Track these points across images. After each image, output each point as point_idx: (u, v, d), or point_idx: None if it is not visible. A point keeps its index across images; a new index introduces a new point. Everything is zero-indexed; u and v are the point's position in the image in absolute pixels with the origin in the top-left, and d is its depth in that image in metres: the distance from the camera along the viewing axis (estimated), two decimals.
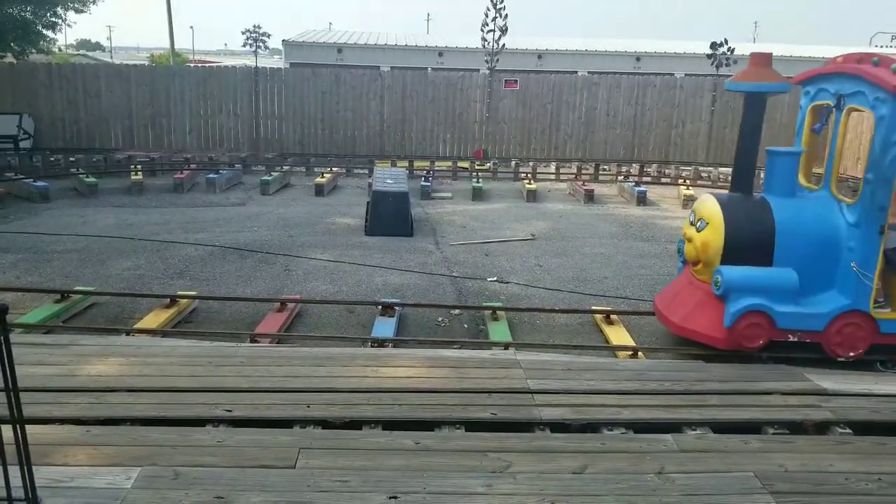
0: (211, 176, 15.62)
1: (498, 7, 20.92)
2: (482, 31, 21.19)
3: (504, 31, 21.11)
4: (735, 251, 6.05)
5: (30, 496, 3.07)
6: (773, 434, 4.66)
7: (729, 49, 19.57)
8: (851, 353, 6.05)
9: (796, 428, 4.77)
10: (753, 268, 5.99)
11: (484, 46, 21.06)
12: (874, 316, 5.95)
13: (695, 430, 4.66)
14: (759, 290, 5.91)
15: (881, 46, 45.28)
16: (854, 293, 5.88)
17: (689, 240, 6.37)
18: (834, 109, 6.18)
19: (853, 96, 5.94)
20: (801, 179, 6.69)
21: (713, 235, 6.13)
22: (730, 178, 6.91)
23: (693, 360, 6.14)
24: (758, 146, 6.36)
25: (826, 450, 4.40)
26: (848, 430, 4.71)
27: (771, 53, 6.31)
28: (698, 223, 6.30)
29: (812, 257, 5.96)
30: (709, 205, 6.29)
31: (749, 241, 6.04)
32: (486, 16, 21.07)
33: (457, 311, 7.69)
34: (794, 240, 5.99)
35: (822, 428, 4.79)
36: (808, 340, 6.07)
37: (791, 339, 6.04)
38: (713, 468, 4.08)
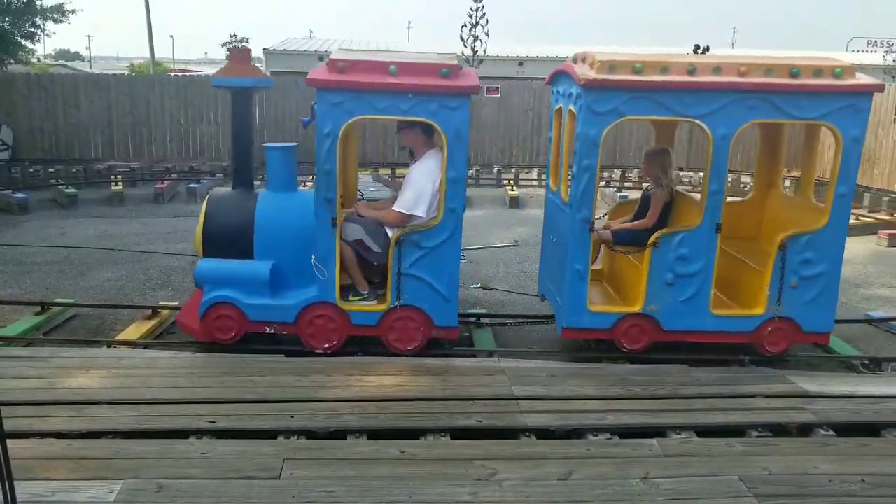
0: (192, 185, 15.53)
1: (478, 15, 21.00)
2: (462, 38, 21.25)
3: (484, 38, 21.19)
4: (213, 244, 6.18)
5: None
6: (757, 437, 4.69)
7: (706, 52, 19.76)
8: (326, 345, 6.09)
9: (780, 431, 4.80)
10: (228, 261, 6.09)
11: (470, 53, 21.09)
12: (343, 308, 6.02)
13: (679, 434, 4.68)
14: (229, 283, 6.01)
15: (858, 51, 45.95)
16: (320, 285, 5.94)
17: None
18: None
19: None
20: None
21: (198, 228, 6.30)
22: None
23: (677, 365, 6.16)
24: (252, 141, 6.51)
25: (809, 452, 4.44)
26: (831, 432, 4.76)
27: (250, 50, 6.56)
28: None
29: (290, 251, 6.02)
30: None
31: (227, 235, 6.13)
32: (466, 23, 21.14)
33: None
34: (272, 233, 6.08)
35: (805, 430, 4.83)
36: (285, 332, 6.15)
37: (269, 331, 6.11)
38: (698, 472, 4.10)
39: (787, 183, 17.76)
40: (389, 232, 5.99)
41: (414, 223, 5.91)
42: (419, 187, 5.90)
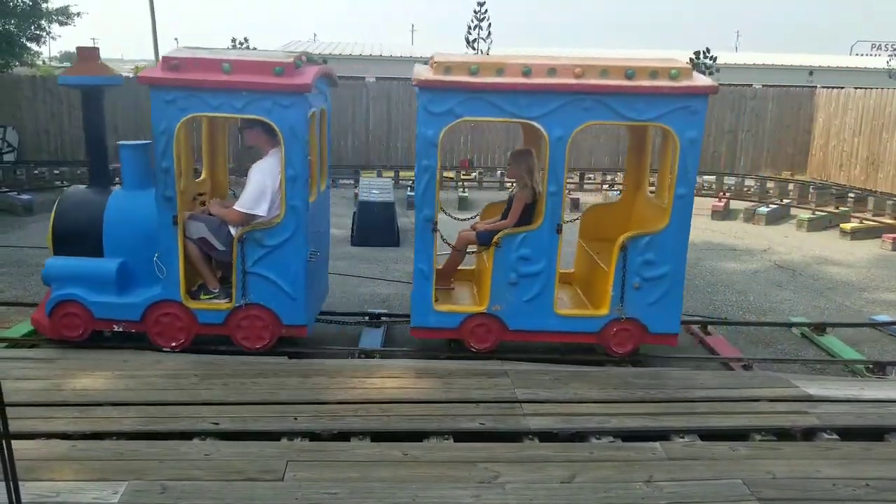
0: None
1: (482, 18, 21.05)
2: (467, 42, 21.30)
3: (488, 41, 21.24)
4: (63, 242, 6.14)
5: None
6: (761, 441, 4.69)
7: (712, 58, 19.78)
8: (173, 343, 6.07)
9: (784, 434, 4.80)
10: (75, 259, 6.06)
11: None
12: (189, 306, 6.02)
13: (682, 437, 4.67)
14: (76, 281, 5.98)
15: (862, 54, 45.89)
16: (165, 283, 5.93)
17: None
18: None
19: None
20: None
21: (49, 226, 6.25)
22: (713, 185, 6.99)
23: (680, 368, 6.16)
24: (104, 139, 6.45)
25: (813, 456, 4.43)
26: (835, 436, 4.75)
27: (98, 48, 6.44)
28: None
29: (140, 249, 5.99)
30: None
31: (77, 233, 6.09)
32: (470, 27, 21.20)
33: None
34: (121, 232, 6.03)
35: (809, 434, 4.82)
36: (133, 330, 6.11)
37: (116, 329, 6.09)
38: (701, 476, 4.10)
39: (791, 187, 17.73)
40: (233, 230, 5.98)
41: (256, 221, 5.90)
42: (259, 186, 5.88)
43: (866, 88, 19.23)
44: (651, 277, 5.96)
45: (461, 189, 16.55)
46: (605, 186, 17.90)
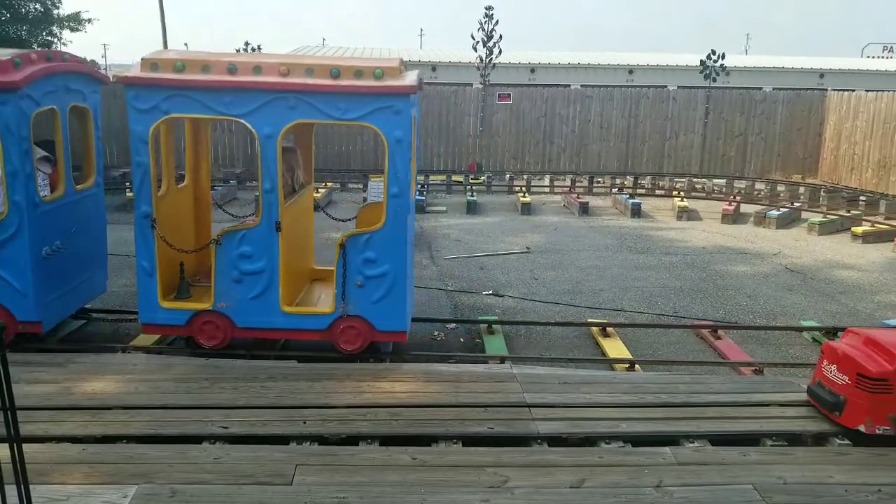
0: None
1: (490, 22, 21.04)
2: (475, 45, 21.30)
3: (497, 45, 21.22)
4: None
5: None
6: (772, 446, 4.65)
7: (721, 59, 19.72)
8: None
9: (795, 440, 4.76)
10: None
11: (480, 60, 21.15)
12: None
13: (693, 442, 4.65)
14: None
15: (873, 56, 45.67)
16: None
17: None
18: None
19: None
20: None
21: None
22: (723, 189, 6.95)
23: (690, 373, 6.13)
24: None
25: (825, 461, 4.40)
26: (846, 442, 4.71)
27: None
28: None
29: None
30: None
31: None
32: (479, 30, 21.19)
33: (452, 325, 7.68)
34: None
35: (820, 439, 4.79)
36: None
37: None
38: (712, 481, 4.08)
39: (801, 190, 17.66)
40: None
41: None
42: None
43: (878, 91, 19.13)
44: (372, 276, 5.94)
45: (470, 193, 16.54)
46: (615, 190, 17.85)
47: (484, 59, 21.12)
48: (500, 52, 21.33)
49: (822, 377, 5.04)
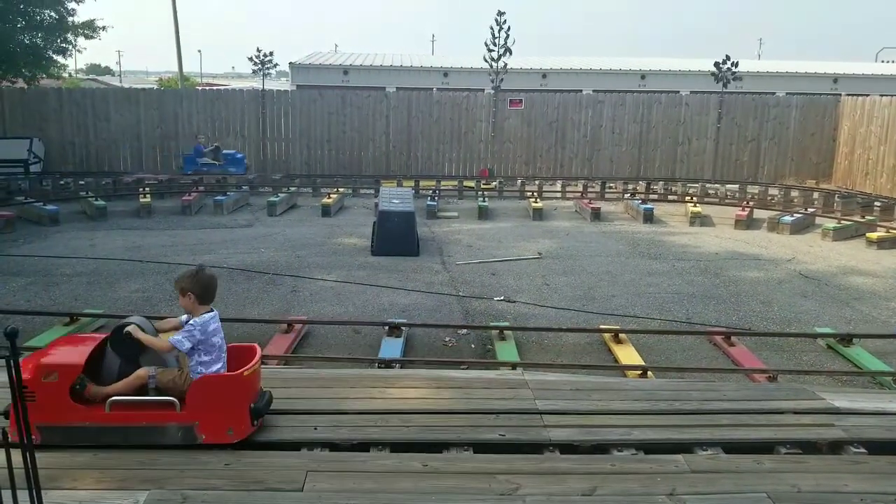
0: (218, 198, 15.71)
1: (502, 27, 21.04)
2: (486, 51, 21.30)
3: (508, 50, 21.21)
4: None
5: None
6: (786, 454, 4.60)
7: (733, 65, 19.64)
8: None
9: (809, 447, 4.70)
10: None
11: (490, 66, 21.14)
12: None
13: (706, 450, 4.60)
14: None
15: (887, 61, 45.34)
16: None
17: None
18: None
19: None
20: None
21: None
22: (736, 194, 6.91)
23: (703, 380, 6.09)
24: None
25: (840, 469, 4.34)
26: (862, 450, 4.65)
27: None
28: None
29: None
30: None
31: None
32: (491, 36, 21.18)
33: (464, 331, 7.66)
34: None
35: (835, 447, 4.73)
36: None
37: None
38: (725, 489, 4.03)
39: (815, 196, 17.54)
40: None
41: None
42: None
43: (892, 96, 18.99)
44: None
45: (481, 198, 16.54)
46: (627, 195, 17.80)
47: (495, 64, 21.10)
48: (510, 54, 21.29)
49: None
